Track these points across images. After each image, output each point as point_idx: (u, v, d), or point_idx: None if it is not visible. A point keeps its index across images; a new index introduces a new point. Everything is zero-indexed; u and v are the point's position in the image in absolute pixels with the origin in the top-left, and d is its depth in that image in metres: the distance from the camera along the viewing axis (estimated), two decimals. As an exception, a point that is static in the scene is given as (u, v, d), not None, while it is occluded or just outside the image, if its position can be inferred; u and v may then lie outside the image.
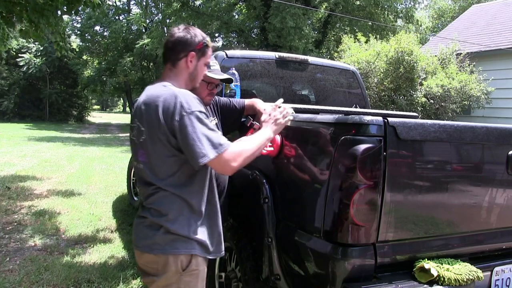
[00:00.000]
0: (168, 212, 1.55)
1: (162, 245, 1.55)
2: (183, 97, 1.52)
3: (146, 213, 1.60)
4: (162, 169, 1.56)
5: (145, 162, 1.58)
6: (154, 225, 1.57)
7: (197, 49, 1.68)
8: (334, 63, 4.07)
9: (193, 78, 1.72)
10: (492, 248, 2.08)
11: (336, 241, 1.68)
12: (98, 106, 43.99)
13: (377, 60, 8.83)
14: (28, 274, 3.30)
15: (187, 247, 1.57)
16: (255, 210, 2.14)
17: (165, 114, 1.50)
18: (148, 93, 1.61)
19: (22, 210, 5.17)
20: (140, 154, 1.60)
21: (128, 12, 26.56)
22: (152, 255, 1.57)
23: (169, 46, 1.68)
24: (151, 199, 1.58)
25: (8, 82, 22.66)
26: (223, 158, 1.51)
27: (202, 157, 1.48)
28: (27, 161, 8.99)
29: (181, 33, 1.68)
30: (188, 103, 1.51)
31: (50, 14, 4.99)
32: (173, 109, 1.49)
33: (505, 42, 9.83)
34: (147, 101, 1.58)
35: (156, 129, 1.52)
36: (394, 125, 1.64)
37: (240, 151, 1.57)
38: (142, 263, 1.65)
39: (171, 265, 1.56)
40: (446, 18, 27.55)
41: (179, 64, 1.68)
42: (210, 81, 2.15)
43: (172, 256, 1.56)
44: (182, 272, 1.58)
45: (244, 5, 18.42)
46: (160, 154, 1.54)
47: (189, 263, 1.59)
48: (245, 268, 2.21)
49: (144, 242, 1.59)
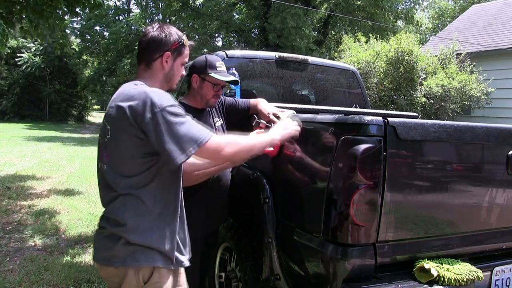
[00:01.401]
0: (127, 221, 1.45)
1: (121, 257, 1.45)
2: (153, 94, 1.43)
3: (105, 223, 1.51)
4: (126, 170, 1.46)
5: (109, 162, 1.49)
6: (113, 235, 1.47)
7: (173, 49, 1.59)
8: (334, 63, 4.07)
9: (170, 79, 1.63)
10: (492, 248, 2.08)
11: (336, 241, 1.68)
12: (98, 106, 43.92)
13: (377, 60, 8.83)
14: (28, 274, 3.30)
15: (148, 259, 1.47)
16: (255, 210, 2.14)
17: (134, 113, 1.41)
18: (118, 92, 1.52)
19: (22, 210, 5.17)
20: (104, 154, 1.51)
21: (128, 12, 26.55)
22: (112, 268, 1.49)
23: (143, 46, 1.59)
24: (110, 207, 1.49)
25: (8, 82, 22.65)
26: (206, 148, 1.44)
27: (180, 155, 1.40)
28: (27, 161, 8.99)
29: (155, 32, 1.58)
30: (160, 100, 1.42)
31: (50, 14, 5.00)
32: (143, 107, 1.40)
33: (505, 42, 9.83)
34: (115, 100, 1.49)
35: (124, 128, 1.43)
36: (394, 125, 1.64)
37: (231, 142, 1.52)
38: (104, 276, 1.57)
39: (131, 278, 1.47)
40: (446, 18, 27.54)
41: (153, 65, 1.59)
42: (216, 83, 2.16)
43: (132, 269, 1.46)
44: (144, 285, 1.48)
45: (244, 5, 18.42)
46: (125, 154, 1.46)
47: (150, 275, 1.48)
48: (245, 268, 2.21)
49: (103, 254, 1.50)
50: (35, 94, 23.49)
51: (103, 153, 1.53)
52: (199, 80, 2.17)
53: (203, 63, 2.15)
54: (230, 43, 18.84)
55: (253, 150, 1.62)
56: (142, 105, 1.41)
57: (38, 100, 23.82)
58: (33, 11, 4.82)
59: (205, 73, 2.15)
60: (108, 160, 1.50)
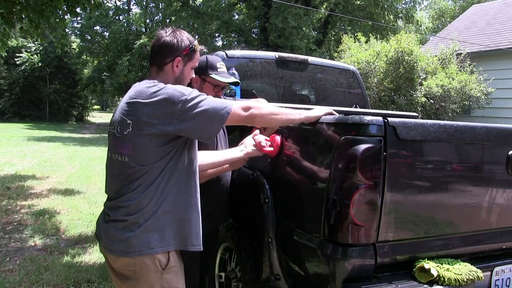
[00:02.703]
0: (143, 207, 1.52)
1: (137, 246, 1.51)
2: (176, 87, 1.56)
3: (116, 213, 1.56)
4: (148, 159, 1.53)
5: (130, 154, 1.54)
6: (127, 225, 1.53)
7: (184, 54, 1.67)
8: (334, 63, 4.08)
9: (179, 83, 1.69)
10: (492, 248, 2.08)
11: (336, 241, 1.68)
12: (98, 106, 43.99)
13: (377, 60, 8.83)
14: (28, 274, 3.30)
15: (162, 245, 1.54)
16: (255, 210, 2.14)
17: (163, 105, 1.50)
18: (138, 89, 1.59)
19: (22, 210, 5.17)
20: (124, 147, 1.55)
21: (128, 12, 26.55)
22: (128, 258, 1.54)
23: (156, 50, 1.67)
24: (126, 196, 1.54)
25: (7, 81, 22.64)
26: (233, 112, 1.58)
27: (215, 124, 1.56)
28: (27, 161, 8.99)
29: (168, 37, 1.66)
30: (183, 90, 1.55)
31: (50, 14, 5.00)
32: (171, 100, 1.51)
33: (505, 42, 9.83)
34: (136, 95, 1.56)
35: (149, 120, 1.50)
36: (394, 125, 1.64)
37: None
38: (118, 266, 1.61)
39: (150, 266, 1.54)
40: (446, 18, 27.54)
41: (165, 68, 1.67)
42: (217, 84, 2.15)
43: (149, 256, 1.53)
44: (162, 271, 1.56)
45: (244, 5, 18.42)
46: (148, 145, 1.52)
47: (167, 261, 1.56)
48: (245, 268, 2.21)
49: (118, 246, 1.54)
50: (35, 94, 23.49)
51: (121, 145, 1.56)
52: (199, 81, 2.16)
53: (204, 64, 2.14)
54: (230, 43, 18.84)
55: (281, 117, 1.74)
56: (169, 98, 1.50)
57: (38, 100, 23.82)
58: (33, 11, 4.82)
59: (205, 74, 2.14)
60: (128, 152, 1.54)
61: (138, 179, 1.53)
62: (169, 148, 1.55)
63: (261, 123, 1.78)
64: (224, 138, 2.29)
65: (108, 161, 1.66)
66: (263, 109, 1.70)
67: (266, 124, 1.89)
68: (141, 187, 1.53)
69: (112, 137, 1.62)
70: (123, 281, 1.61)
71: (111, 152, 1.63)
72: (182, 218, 1.59)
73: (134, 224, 1.52)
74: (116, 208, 1.57)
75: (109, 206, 1.62)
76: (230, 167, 2.09)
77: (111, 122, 1.66)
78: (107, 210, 1.62)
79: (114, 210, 1.58)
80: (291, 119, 1.79)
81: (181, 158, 1.59)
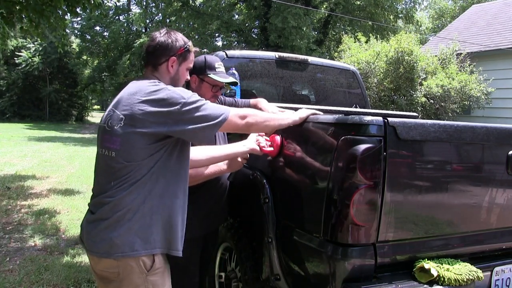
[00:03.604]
0: (128, 204, 1.48)
1: (120, 247, 1.47)
2: (176, 89, 1.56)
3: (102, 210, 1.50)
4: (136, 156, 1.50)
5: (118, 149, 1.50)
6: (111, 223, 1.48)
7: (178, 54, 1.67)
8: (334, 63, 4.07)
9: (175, 83, 1.69)
10: (492, 248, 2.08)
11: (336, 241, 1.68)
12: (98, 106, 43.98)
13: (377, 60, 8.83)
14: (28, 274, 3.30)
15: (146, 247, 1.50)
16: (255, 210, 2.14)
17: (161, 104, 1.50)
18: (138, 85, 1.58)
19: (22, 210, 5.17)
20: (112, 141, 1.52)
21: (128, 12, 26.54)
22: (111, 259, 1.49)
23: (150, 50, 1.67)
24: (111, 192, 1.49)
25: (7, 82, 22.63)
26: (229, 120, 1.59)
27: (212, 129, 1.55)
28: (27, 161, 8.99)
29: (163, 37, 1.66)
30: (182, 93, 1.55)
31: (50, 14, 5.00)
32: (169, 100, 1.50)
33: (505, 42, 9.83)
34: (136, 91, 1.55)
35: (143, 118, 1.49)
36: (394, 125, 1.64)
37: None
38: (101, 269, 1.56)
39: (134, 268, 1.50)
40: (446, 18, 27.54)
41: (160, 69, 1.67)
42: (215, 84, 2.15)
43: (133, 258, 1.49)
44: (147, 272, 1.52)
45: (244, 5, 18.42)
46: (139, 142, 1.49)
47: (152, 262, 1.52)
48: (245, 268, 2.21)
49: (101, 246, 1.49)
50: (35, 94, 23.48)
51: (110, 139, 1.54)
52: (197, 81, 2.16)
53: (202, 64, 2.14)
54: (230, 43, 18.83)
55: (270, 123, 1.77)
56: (170, 97, 1.51)
57: (38, 100, 23.80)
58: (33, 11, 4.83)
59: (204, 74, 2.14)
60: (116, 147, 1.51)
61: (124, 175, 1.49)
62: (159, 146, 1.52)
63: (255, 130, 1.84)
64: (224, 138, 2.29)
65: (96, 156, 1.63)
66: (258, 117, 1.74)
67: (259, 131, 1.94)
68: (126, 184, 1.49)
69: (101, 131, 1.59)
70: (107, 285, 1.57)
71: (99, 147, 1.60)
72: (168, 220, 1.55)
73: (117, 223, 1.48)
74: (100, 205, 1.52)
75: (93, 203, 1.58)
76: (229, 169, 2.08)
77: (102, 117, 1.65)
78: (91, 207, 1.58)
79: (97, 207, 1.53)
80: (281, 124, 1.85)
81: (172, 157, 1.57)
